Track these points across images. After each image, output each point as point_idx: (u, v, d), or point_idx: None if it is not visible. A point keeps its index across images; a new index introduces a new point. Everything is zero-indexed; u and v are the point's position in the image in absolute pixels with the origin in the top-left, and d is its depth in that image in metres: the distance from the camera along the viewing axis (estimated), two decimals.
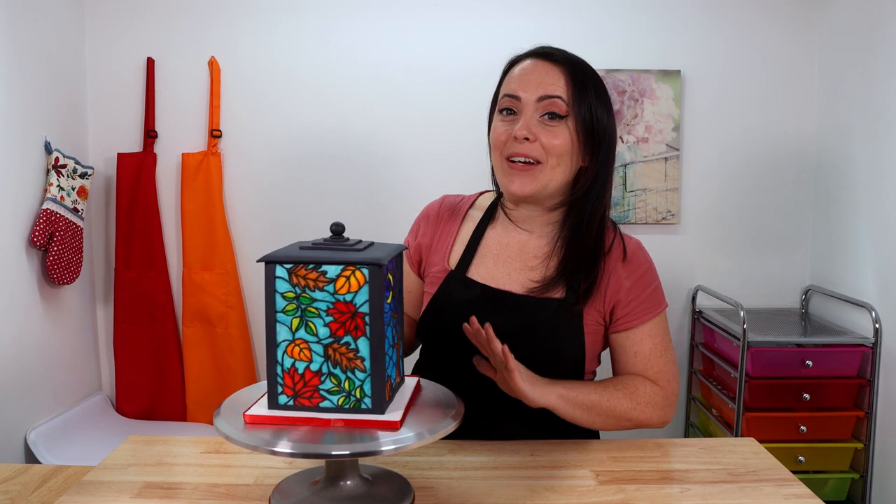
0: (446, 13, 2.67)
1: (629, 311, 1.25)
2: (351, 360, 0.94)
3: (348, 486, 1.00)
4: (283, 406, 0.95)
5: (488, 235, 1.33)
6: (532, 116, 1.20)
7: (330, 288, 0.93)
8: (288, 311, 0.93)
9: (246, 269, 2.73)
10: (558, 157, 1.20)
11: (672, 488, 1.10)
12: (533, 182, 1.21)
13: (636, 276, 1.27)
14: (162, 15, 2.63)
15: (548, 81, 1.20)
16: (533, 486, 1.10)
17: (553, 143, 1.19)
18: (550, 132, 1.19)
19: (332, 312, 0.93)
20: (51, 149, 2.35)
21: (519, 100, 1.21)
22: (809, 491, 1.10)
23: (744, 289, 2.77)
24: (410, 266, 1.39)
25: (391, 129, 2.69)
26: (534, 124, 1.20)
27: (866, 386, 2.36)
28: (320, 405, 0.95)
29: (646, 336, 1.25)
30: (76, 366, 2.57)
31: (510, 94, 1.23)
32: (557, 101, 1.19)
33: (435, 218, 1.39)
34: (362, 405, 0.95)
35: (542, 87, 1.20)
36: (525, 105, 1.21)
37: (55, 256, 2.31)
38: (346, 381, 0.95)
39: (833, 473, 2.39)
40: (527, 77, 1.22)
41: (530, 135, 1.19)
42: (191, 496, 1.05)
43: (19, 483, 1.27)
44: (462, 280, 1.29)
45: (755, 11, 2.70)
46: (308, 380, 0.95)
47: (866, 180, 2.43)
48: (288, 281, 0.93)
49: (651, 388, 1.24)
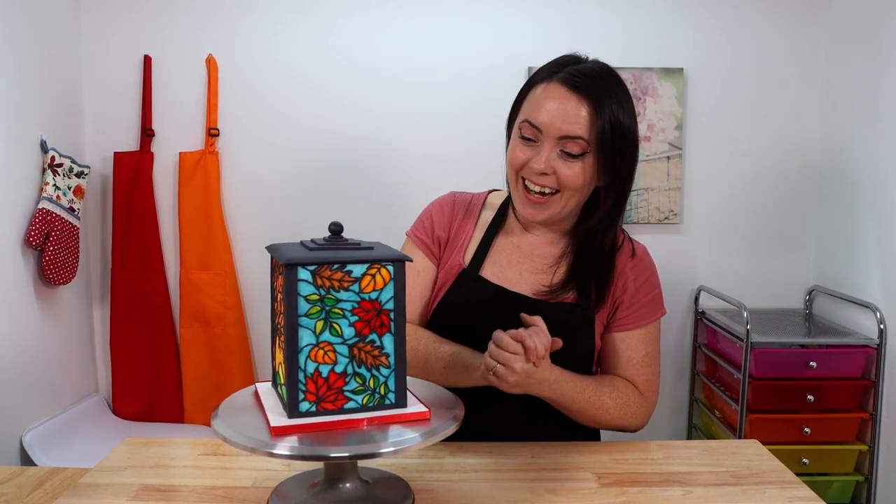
0: (446, 11, 2.65)
1: (630, 312, 1.28)
2: (376, 358, 0.95)
3: (347, 488, 0.99)
4: (306, 413, 0.93)
5: (500, 236, 1.34)
6: (551, 151, 1.19)
7: (356, 287, 0.93)
8: (311, 315, 0.92)
9: (244, 269, 2.71)
10: (573, 189, 1.21)
11: (674, 491, 1.10)
12: (546, 211, 1.23)
13: (642, 278, 1.29)
14: (159, 12, 2.62)
15: (569, 119, 1.17)
16: (534, 488, 1.10)
17: (568, 175, 1.19)
18: (568, 166, 1.19)
19: (357, 312, 0.93)
20: (47, 148, 2.33)
21: (540, 132, 1.19)
22: (813, 493, 1.10)
23: (747, 289, 2.75)
24: (429, 257, 1.36)
25: (390, 128, 2.68)
26: (553, 158, 1.19)
27: (871, 387, 2.34)
28: (345, 406, 0.95)
29: (640, 343, 1.28)
30: (72, 367, 2.55)
31: (532, 122, 1.20)
32: (579, 141, 1.17)
33: (450, 212, 1.38)
34: (386, 401, 0.96)
35: (563, 126, 1.17)
36: (545, 139, 1.19)
37: (51, 256, 2.30)
38: (370, 379, 0.95)
39: (837, 476, 2.37)
40: (549, 110, 1.18)
41: (548, 170, 1.19)
42: (188, 498, 1.05)
43: (15, 485, 1.26)
44: (475, 279, 1.30)
45: (759, 8, 2.68)
46: (332, 383, 0.94)
47: (871, 179, 2.42)
48: (312, 283, 0.91)
49: (637, 399, 1.26)
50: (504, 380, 1.08)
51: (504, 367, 1.07)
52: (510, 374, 1.07)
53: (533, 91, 1.22)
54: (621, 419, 1.24)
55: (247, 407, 0.99)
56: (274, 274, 1.00)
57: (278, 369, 0.99)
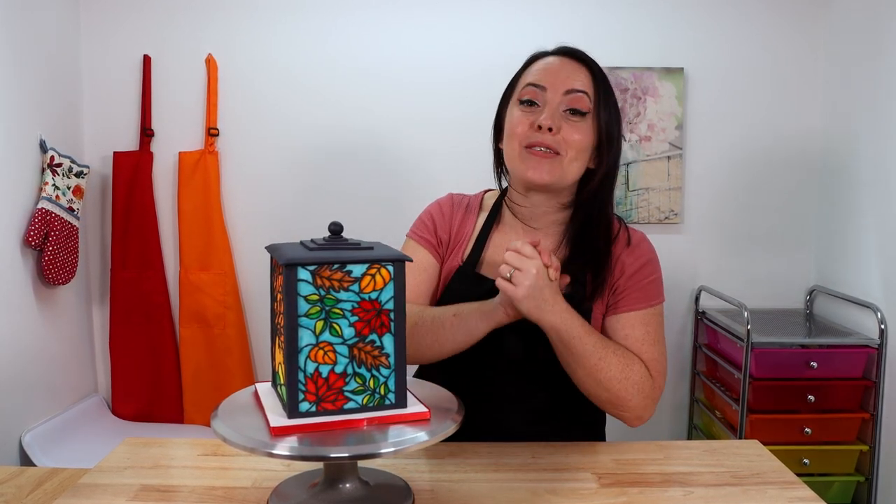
0: (445, 11, 2.65)
1: (625, 296, 1.25)
2: (376, 358, 0.95)
3: (347, 489, 0.99)
4: (306, 413, 0.92)
5: (495, 232, 1.34)
6: (557, 108, 1.21)
7: (356, 287, 0.92)
8: (311, 315, 0.91)
9: (243, 269, 2.71)
10: (577, 151, 1.21)
11: (675, 491, 1.10)
12: (550, 172, 1.21)
13: (639, 263, 1.27)
14: (159, 12, 2.62)
15: (575, 77, 1.22)
16: (534, 488, 1.09)
17: (574, 136, 1.20)
18: (573, 126, 1.21)
19: (357, 312, 0.93)
20: (46, 147, 2.33)
21: (544, 90, 1.21)
22: (814, 494, 1.09)
23: (747, 289, 2.74)
24: (433, 254, 1.35)
25: (390, 127, 2.68)
26: (558, 117, 1.20)
27: (872, 387, 2.34)
28: (345, 407, 0.94)
29: (638, 322, 1.24)
30: (72, 367, 2.55)
31: (535, 83, 1.23)
32: (584, 96, 1.20)
33: (450, 213, 1.38)
34: (386, 401, 0.96)
35: (569, 82, 1.21)
36: (550, 96, 1.21)
37: (50, 256, 2.29)
38: (370, 379, 0.95)
39: (838, 476, 2.37)
40: (553, 71, 1.23)
41: (554, 125, 1.19)
42: (188, 499, 1.05)
43: (14, 486, 1.25)
44: (472, 276, 1.30)
45: (759, 8, 2.68)
46: (332, 383, 0.93)
47: (872, 179, 2.41)
48: (311, 283, 0.90)
49: (642, 372, 1.18)
50: (520, 284, 1.07)
51: (520, 271, 1.07)
52: (525, 278, 1.07)
53: (529, 68, 1.27)
54: (622, 385, 1.15)
55: (246, 407, 0.98)
56: (273, 274, 1.00)
57: (278, 369, 0.99)
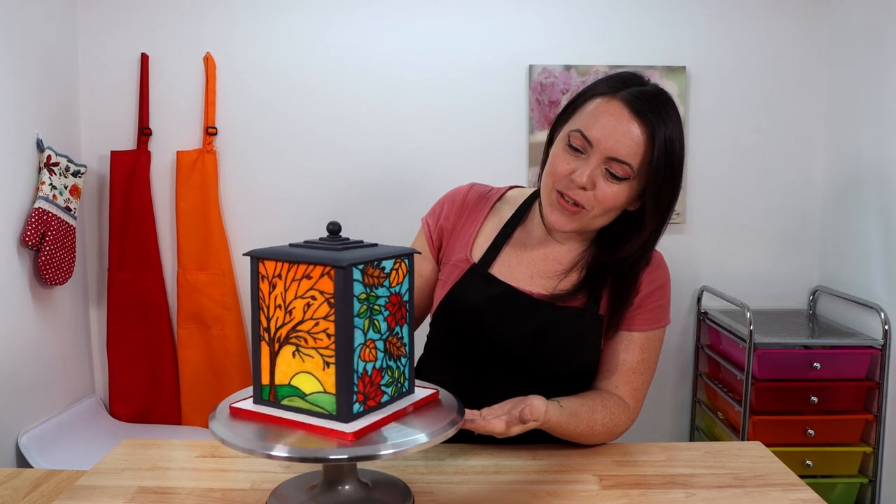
0: (446, 8, 2.64)
1: (636, 314, 1.27)
2: (399, 349, 0.98)
3: (346, 490, 0.98)
4: (358, 415, 0.91)
5: (516, 233, 1.33)
6: (597, 168, 1.17)
7: (387, 283, 0.94)
8: (361, 314, 0.91)
9: (242, 269, 2.69)
10: (605, 209, 1.19)
11: (677, 493, 1.09)
12: (572, 223, 1.21)
13: (654, 286, 1.28)
14: (156, 10, 2.60)
15: (623, 142, 1.15)
16: (535, 490, 1.09)
17: (607, 194, 1.17)
18: (608, 185, 1.17)
19: (388, 306, 0.95)
20: (43, 146, 2.32)
21: (590, 146, 1.17)
22: (817, 496, 1.09)
23: (750, 289, 2.73)
24: (429, 248, 1.37)
25: (389, 127, 2.67)
26: (596, 175, 1.17)
27: (875, 388, 2.33)
28: (382, 401, 0.95)
29: (637, 347, 1.26)
30: (69, 368, 2.53)
31: (585, 134, 1.17)
32: (626, 167, 1.16)
33: (461, 203, 1.37)
34: (403, 389, 0.99)
35: (616, 147, 1.15)
36: (593, 154, 1.17)
37: (47, 256, 2.28)
38: (396, 370, 0.97)
39: (841, 478, 2.36)
40: (605, 126, 1.16)
41: (588, 185, 1.17)
42: (186, 501, 1.04)
43: (11, 487, 1.25)
44: (484, 275, 1.28)
45: (761, 5, 2.67)
46: (374, 379, 0.94)
47: (875, 178, 2.41)
48: (362, 282, 0.90)
49: (625, 417, 1.25)
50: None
51: None
52: None
53: (590, 102, 1.20)
54: (609, 435, 1.24)
55: None
56: (264, 281, 0.93)
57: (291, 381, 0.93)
